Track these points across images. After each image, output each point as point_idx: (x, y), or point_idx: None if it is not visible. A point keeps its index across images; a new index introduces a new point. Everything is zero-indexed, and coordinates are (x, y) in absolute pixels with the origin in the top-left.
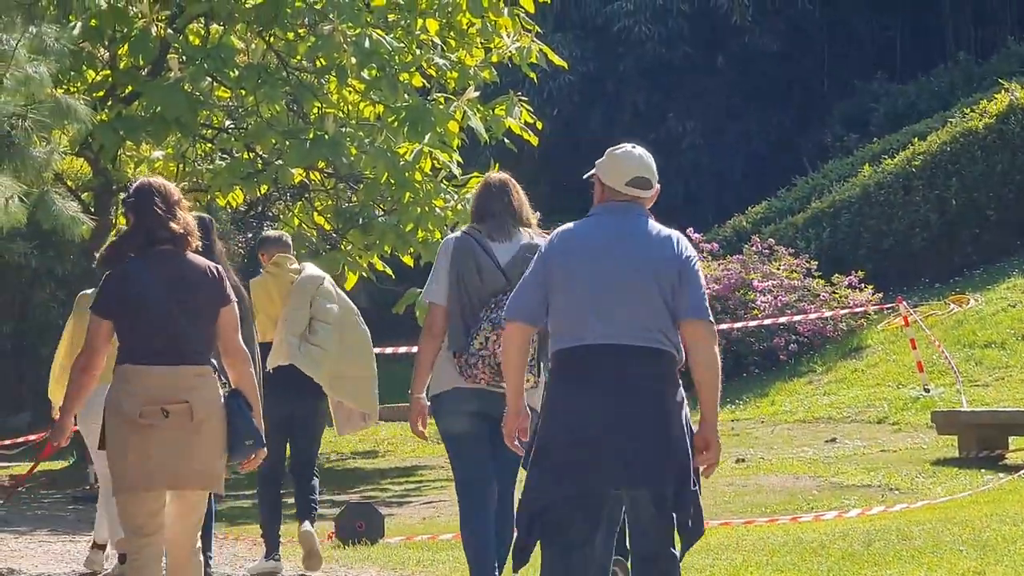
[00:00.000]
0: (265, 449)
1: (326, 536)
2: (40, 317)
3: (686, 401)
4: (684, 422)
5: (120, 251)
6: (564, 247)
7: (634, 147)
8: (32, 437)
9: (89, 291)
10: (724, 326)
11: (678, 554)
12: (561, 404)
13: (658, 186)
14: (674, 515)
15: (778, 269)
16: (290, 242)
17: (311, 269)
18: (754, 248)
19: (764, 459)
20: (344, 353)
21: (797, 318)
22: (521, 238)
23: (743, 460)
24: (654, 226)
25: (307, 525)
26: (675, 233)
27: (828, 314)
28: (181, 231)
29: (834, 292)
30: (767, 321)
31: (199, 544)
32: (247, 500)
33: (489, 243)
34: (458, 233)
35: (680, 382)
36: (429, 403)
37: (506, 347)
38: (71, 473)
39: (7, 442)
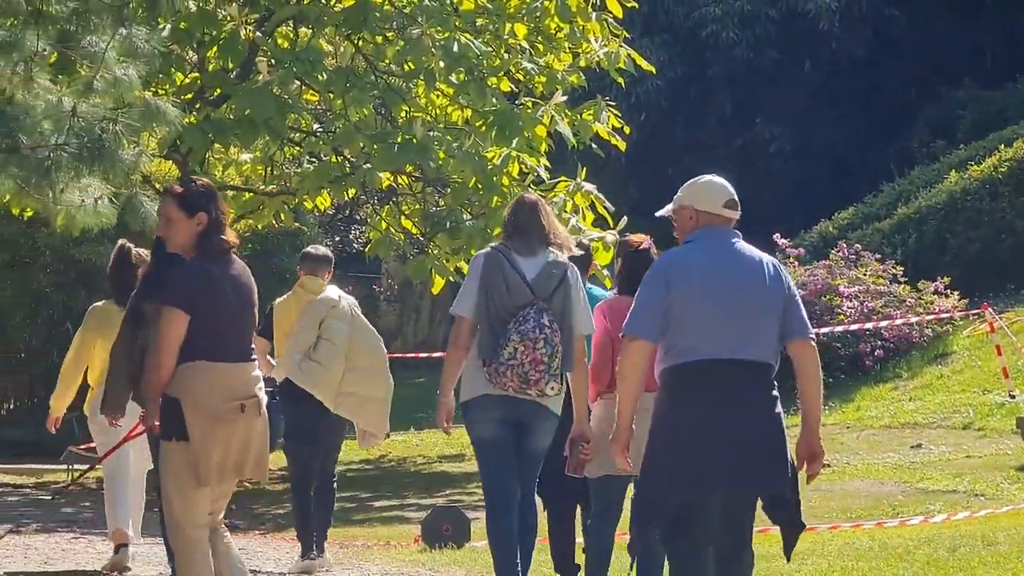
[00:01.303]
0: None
1: (412, 539)
2: None
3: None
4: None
5: (211, 249)
6: (685, 270)
7: (712, 176)
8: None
9: (100, 303)
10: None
11: (786, 552)
12: (685, 414)
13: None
14: (790, 514)
15: (864, 275)
16: (326, 260)
17: (329, 291)
18: (840, 254)
19: (850, 464)
20: (350, 373)
21: (883, 324)
22: (547, 255)
23: (829, 465)
24: (751, 249)
25: (311, 558)
26: (770, 257)
27: (914, 320)
28: (235, 237)
29: (920, 298)
30: (853, 327)
31: None
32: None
33: (516, 258)
34: (487, 249)
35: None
36: (460, 408)
37: (625, 364)
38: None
39: (93, 444)
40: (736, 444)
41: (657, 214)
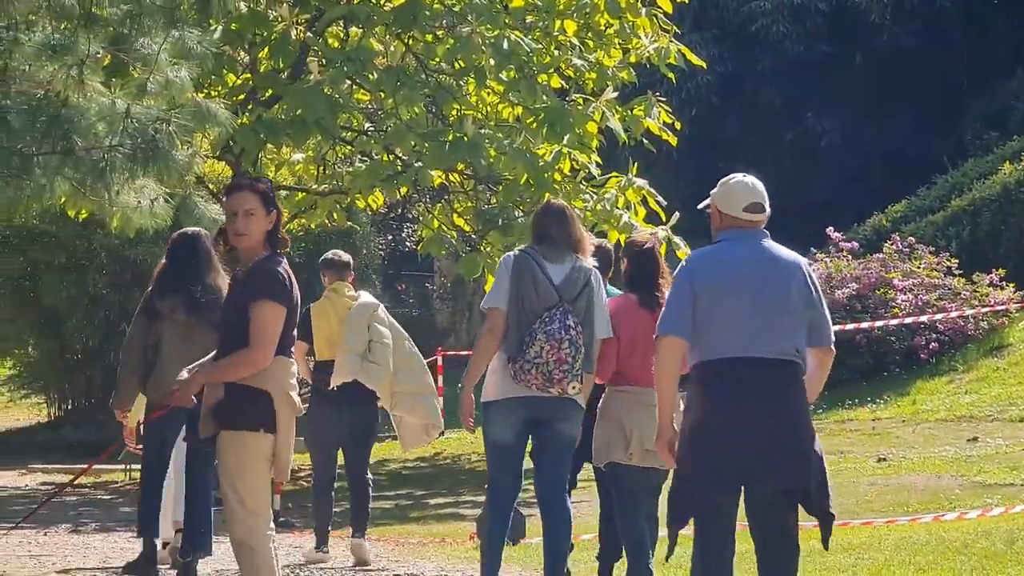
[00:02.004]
0: None
1: (468, 537)
2: None
3: None
4: None
5: (280, 247)
6: (710, 269)
7: (744, 176)
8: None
9: None
10: (864, 325)
11: (823, 544)
12: (717, 412)
13: (769, 211)
14: (819, 505)
15: (918, 267)
16: (349, 265)
17: (366, 297)
18: (894, 247)
19: (906, 458)
20: (397, 373)
21: (938, 317)
22: (573, 261)
23: (884, 459)
24: (780, 248)
25: (358, 538)
26: (799, 257)
27: (969, 312)
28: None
29: (975, 290)
30: (907, 320)
31: None
32: (389, 501)
33: (545, 263)
34: (516, 251)
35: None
36: (480, 406)
37: (661, 362)
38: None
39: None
40: (758, 441)
41: (699, 206)
